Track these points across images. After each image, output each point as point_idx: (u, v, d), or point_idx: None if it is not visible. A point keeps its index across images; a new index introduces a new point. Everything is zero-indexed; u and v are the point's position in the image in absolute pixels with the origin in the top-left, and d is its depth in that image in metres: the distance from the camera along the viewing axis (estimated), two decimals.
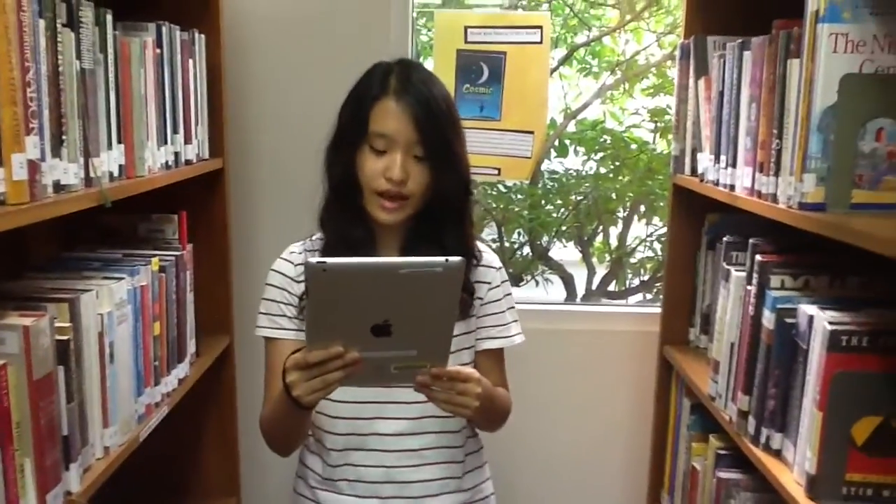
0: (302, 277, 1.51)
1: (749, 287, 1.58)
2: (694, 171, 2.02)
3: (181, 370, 1.88)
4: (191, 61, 1.95)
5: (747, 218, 1.64)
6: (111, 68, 1.50)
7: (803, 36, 1.34)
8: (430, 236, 1.51)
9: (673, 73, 3.03)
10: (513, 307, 1.62)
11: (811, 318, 1.37)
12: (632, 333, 2.49)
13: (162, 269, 1.75)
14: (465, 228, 1.54)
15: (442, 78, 1.54)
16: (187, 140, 1.93)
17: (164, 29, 1.78)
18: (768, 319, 1.49)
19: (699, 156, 1.97)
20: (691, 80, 2.03)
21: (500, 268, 1.61)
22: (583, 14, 3.16)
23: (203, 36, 2.04)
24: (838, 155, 1.31)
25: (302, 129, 2.08)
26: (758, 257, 1.54)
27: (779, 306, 1.46)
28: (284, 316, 1.53)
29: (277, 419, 1.44)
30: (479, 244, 1.61)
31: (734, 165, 1.70)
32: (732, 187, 1.70)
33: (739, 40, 1.68)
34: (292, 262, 1.55)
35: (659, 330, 2.29)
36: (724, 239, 1.81)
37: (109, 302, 1.48)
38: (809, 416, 1.36)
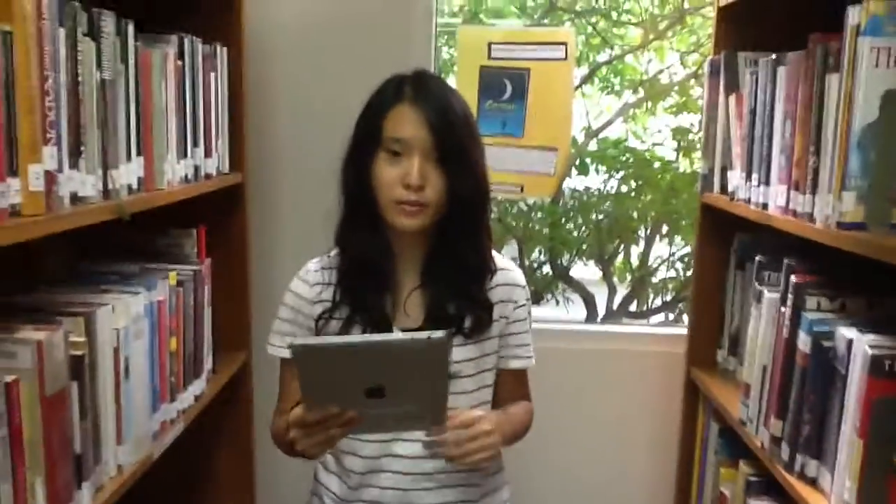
0: (318, 299, 1.50)
1: (783, 309, 1.53)
2: (724, 190, 1.97)
3: (197, 386, 1.85)
4: (212, 74, 1.93)
5: (777, 238, 1.60)
6: (132, 79, 1.47)
7: (843, 50, 1.30)
8: (449, 252, 1.48)
9: (697, 92, 3.01)
10: (531, 327, 1.59)
11: (850, 341, 1.32)
12: (655, 354, 2.43)
13: (179, 284, 1.72)
14: (483, 241, 1.51)
15: (465, 94, 1.51)
16: (207, 153, 1.90)
17: (186, 41, 1.76)
18: (804, 342, 1.44)
19: (729, 174, 1.92)
20: (721, 97, 1.98)
21: (524, 286, 1.58)
22: (606, 33, 3.13)
23: (225, 49, 2.03)
24: (879, 173, 1.27)
25: (323, 144, 2.04)
26: (793, 278, 1.49)
27: (815, 329, 1.41)
28: (294, 336, 1.49)
29: (287, 445, 1.40)
30: (504, 260, 1.58)
31: (767, 183, 1.65)
32: (765, 206, 1.66)
33: (773, 56, 1.64)
34: (308, 282, 1.52)
35: (682, 351, 2.24)
36: (756, 259, 1.75)
37: (126, 316, 1.45)
38: (849, 443, 1.30)
